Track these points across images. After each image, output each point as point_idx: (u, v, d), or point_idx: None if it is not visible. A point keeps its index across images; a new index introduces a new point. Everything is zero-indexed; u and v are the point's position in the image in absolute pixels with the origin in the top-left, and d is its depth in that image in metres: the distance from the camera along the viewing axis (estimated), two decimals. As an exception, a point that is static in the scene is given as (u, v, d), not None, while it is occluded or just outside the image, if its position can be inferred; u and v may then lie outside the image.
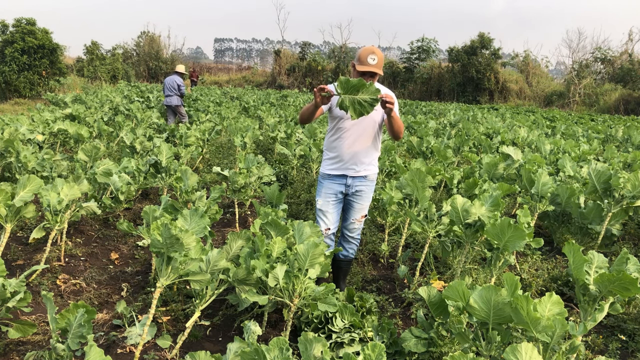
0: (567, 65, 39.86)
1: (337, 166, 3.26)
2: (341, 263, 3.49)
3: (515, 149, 6.03)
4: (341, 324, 2.69)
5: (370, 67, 3.08)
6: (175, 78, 10.68)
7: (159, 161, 5.19)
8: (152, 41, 39.70)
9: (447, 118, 14.65)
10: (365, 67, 3.08)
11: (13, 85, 19.31)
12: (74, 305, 2.15)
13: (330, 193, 3.29)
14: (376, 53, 3.12)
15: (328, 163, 3.33)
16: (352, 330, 2.69)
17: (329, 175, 3.30)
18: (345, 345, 2.64)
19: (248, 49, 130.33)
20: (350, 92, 2.56)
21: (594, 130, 13.39)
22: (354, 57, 3.23)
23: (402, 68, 39.88)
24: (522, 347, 1.78)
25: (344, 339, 2.63)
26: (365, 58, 3.09)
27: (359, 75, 3.12)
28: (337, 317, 2.70)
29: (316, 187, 3.45)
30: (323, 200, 3.30)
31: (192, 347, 2.83)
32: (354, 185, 3.28)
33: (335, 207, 3.33)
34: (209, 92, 23.74)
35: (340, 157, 3.24)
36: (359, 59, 3.14)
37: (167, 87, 10.69)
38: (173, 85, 10.60)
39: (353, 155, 3.23)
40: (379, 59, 3.12)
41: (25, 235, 4.41)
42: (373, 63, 3.09)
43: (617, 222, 4.46)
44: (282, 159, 7.41)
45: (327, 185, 3.30)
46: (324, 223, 3.30)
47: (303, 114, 3.14)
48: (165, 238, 2.30)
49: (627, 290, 2.19)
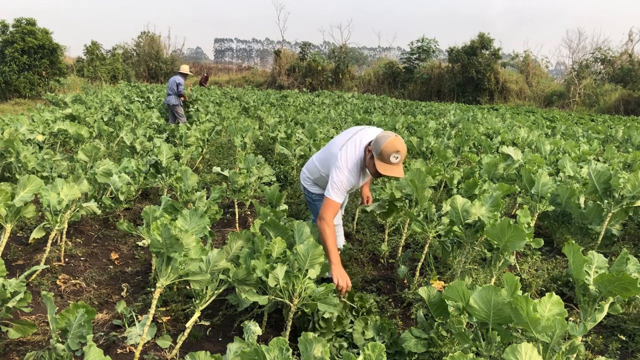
0: (567, 65, 39.84)
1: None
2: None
3: (515, 149, 6.03)
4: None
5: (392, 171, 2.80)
6: (177, 78, 10.72)
7: (159, 161, 5.19)
8: (152, 41, 39.71)
9: (447, 118, 14.64)
10: (387, 171, 2.80)
11: (13, 86, 19.32)
12: (74, 305, 2.15)
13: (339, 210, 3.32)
14: (400, 150, 2.78)
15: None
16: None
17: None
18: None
19: (248, 49, 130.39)
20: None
21: (594, 130, 13.39)
22: (376, 150, 2.81)
23: (402, 68, 39.89)
24: (522, 348, 1.78)
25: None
26: (389, 156, 2.79)
27: (376, 171, 2.89)
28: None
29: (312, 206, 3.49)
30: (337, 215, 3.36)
31: (192, 347, 2.83)
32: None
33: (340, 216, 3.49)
34: (209, 92, 23.75)
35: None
36: (380, 155, 2.81)
37: (168, 86, 10.80)
38: (172, 85, 10.67)
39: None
40: (402, 155, 2.80)
41: (25, 235, 4.41)
42: (395, 162, 2.82)
43: (617, 222, 4.46)
44: (282, 159, 7.41)
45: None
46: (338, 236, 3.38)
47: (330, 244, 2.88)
48: (165, 238, 2.30)
49: (627, 290, 2.19)
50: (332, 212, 2.92)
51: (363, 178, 3.19)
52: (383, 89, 38.91)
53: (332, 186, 2.97)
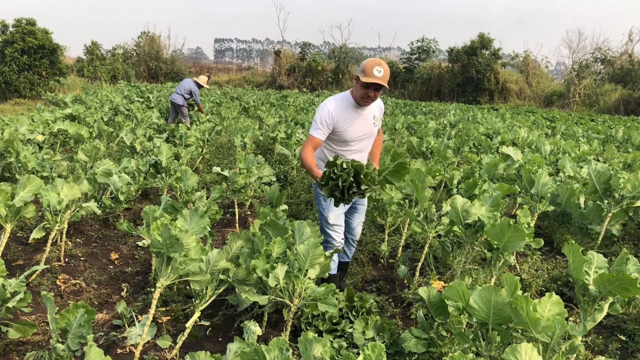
0: (567, 65, 39.86)
1: None
2: (344, 265, 3.57)
3: (515, 149, 6.03)
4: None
5: (376, 79, 2.87)
6: (192, 85, 10.38)
7: (159, 161, 5.19)
8: (152, 41, 39.70)
9: (447, 118, 14.64)
10: (370, 79, 2.87)
11: (13, 86, 19.31)
12: (74, 305, 2.15)
13: (341, 206, 3.21)
14: (382, 65, 2.92)
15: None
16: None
17: None
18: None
19: (248, 49, 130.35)
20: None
21: (594, 130, 13.39)
22: (358, 69, 3.00)
23: (402, 68, 39.89)
24: (522, 348, 1.78)
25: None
26: (371, 70, 2.88)
27: (363, 88, 2.95)
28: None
29: (316, 201, 3.32)
30: (336, 214, 3.21)
31: (192, 347, 2.83)
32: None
33: (343, 218, 3.31)
34: (209, 92, 23.76)
35: None
36: (363, 71, 2.91)
37: (181, 86, 10.45)
38: (187, 89, 10.27)
39: None
40: (385, 72, 2.92)
41: (25, 235, 4.41)
42: (379, 75, 2.89)
43: (617, 222, 4.46)
44: (282, 159, 7.41)
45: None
46: (339, 235, 3.25)
47: (306, 168, 2.97)
48: (165, 238, 2.30)
49: (627, 290, 2.19)
50: (309, 145, 3.02)
51: (354, 118, 3.09)
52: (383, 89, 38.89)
53: (312, 123, 3.09)
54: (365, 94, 2.96)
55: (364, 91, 2.95)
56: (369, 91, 2.93)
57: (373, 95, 2.95)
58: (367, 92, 2.95)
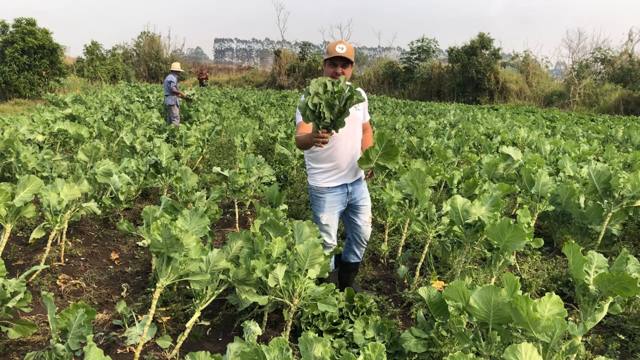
0: (567, 65, 39.84)
1: (336, 177, 3.14)
2: (353, 266, 3.52)
3: (515, 149, 6.03)
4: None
5: (339, 54, 3.06)
6: (169, 77, 10.74)
7: (159, 161, 5.19)
8: (152, 41, 39.73)
9: (447, 118, 14.64)
10: (334, 54, 3.06)
11: (13, 86, 19.33)
12: (74, 305, 2.15)
13: (335, 206, 3.17)
14: (344, 43, 3.13)
15: (324, 176, 3.14)
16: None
17: (328, 188, 3.14)
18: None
19: (248, 49, 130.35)
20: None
21: (594, 130, 13.39)
22: (326, 53, 3.23)
23: (402, 68, 39.87)
24: (522, 347, 1.78)
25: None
26: (334, 48, 3.09)
27: (330, 67, 3.12)
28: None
29: (312, 202, 3.28)
30: (329, 215, 3.16)
31: (192, 347, 2.83)
32: (355, 189, 3.24)
33: (337, 218, 3.26)
34: (209, 92, 23.75)
35: (338, 167, 3.12)
36: (327, 52, 3.13)
37: (164, 85, 10.78)
38: (167, 86, 10.65)
39: (350, 162, 3.15)
40: (349, 49, 3.11)
41: (25, 235, 4.41)
42: (342, 52, 3.07)
43: (617, 222, 4.46)
44: (282, 159, 7.41)
45: (329, 199, 3.15)
46: (330, 237, 3.22)
47: (302, 144, 3.00)
48: (165, 238, 2.30)
49: (627, 290, 2.19)
50: (299, 132, 3.09)
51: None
52: (383, 89, 38.90)
53: (296, 115, 3.21)
54: (334, 72, 3.10)
55: (332, 69, 3.11)
56: (336, 69, 3.08)
57: (341, 72, 3.08)
58: (335, 70, 3.10)
